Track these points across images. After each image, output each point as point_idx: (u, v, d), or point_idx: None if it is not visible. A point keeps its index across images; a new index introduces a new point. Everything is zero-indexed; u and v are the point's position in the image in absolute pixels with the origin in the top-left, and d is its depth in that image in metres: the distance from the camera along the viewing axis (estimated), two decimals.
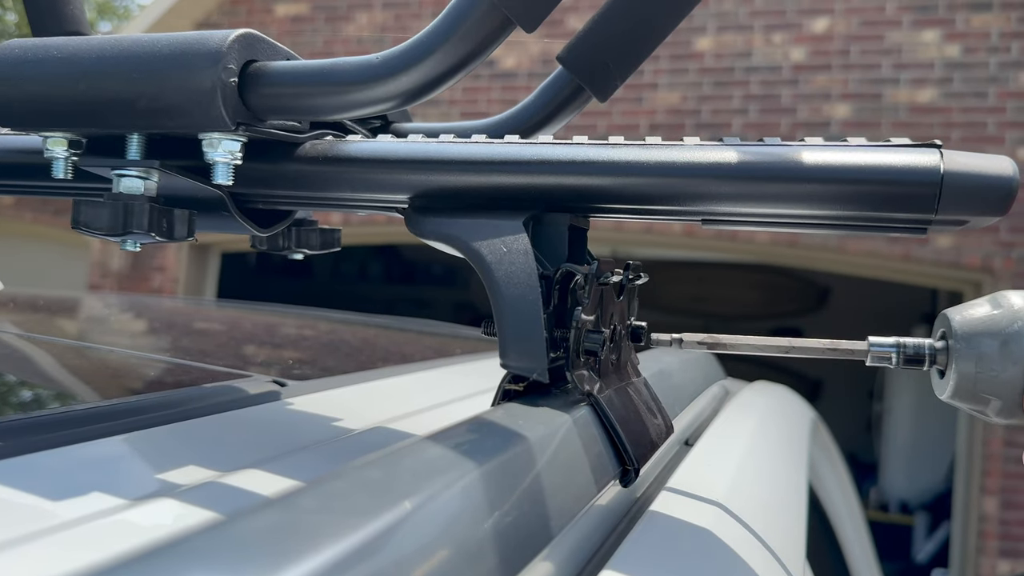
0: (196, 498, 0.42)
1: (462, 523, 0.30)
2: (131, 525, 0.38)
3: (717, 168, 0.47)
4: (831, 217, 0.47)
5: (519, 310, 0.46)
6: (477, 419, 0.40)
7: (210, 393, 0.62)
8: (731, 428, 0.85)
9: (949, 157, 0.45)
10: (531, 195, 0.50)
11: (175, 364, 0.81)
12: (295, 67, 0.50)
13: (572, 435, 0.42)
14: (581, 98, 0.61)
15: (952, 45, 4.79)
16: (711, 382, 1.03)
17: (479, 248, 0.48)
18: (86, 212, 0.51)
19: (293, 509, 0.26)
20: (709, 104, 5.13)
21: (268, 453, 0.50)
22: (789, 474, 0.87)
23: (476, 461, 0.33)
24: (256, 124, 0.51)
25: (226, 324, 1.29)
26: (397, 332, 1.39)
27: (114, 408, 0.56)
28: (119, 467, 0.46)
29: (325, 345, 1.16)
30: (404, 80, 0.48)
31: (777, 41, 5.04)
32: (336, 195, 0.55)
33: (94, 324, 1.26)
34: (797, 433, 1.14)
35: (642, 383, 0.58)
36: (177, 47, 0.49)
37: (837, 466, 1.57)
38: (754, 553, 0.52)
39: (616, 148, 0.49)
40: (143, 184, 0.52)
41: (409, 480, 0.30)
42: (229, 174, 0.51)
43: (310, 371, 0.85)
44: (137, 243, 0.54)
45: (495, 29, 0.47)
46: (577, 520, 0.38)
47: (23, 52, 0.52)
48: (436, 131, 0.63)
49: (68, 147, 0.54)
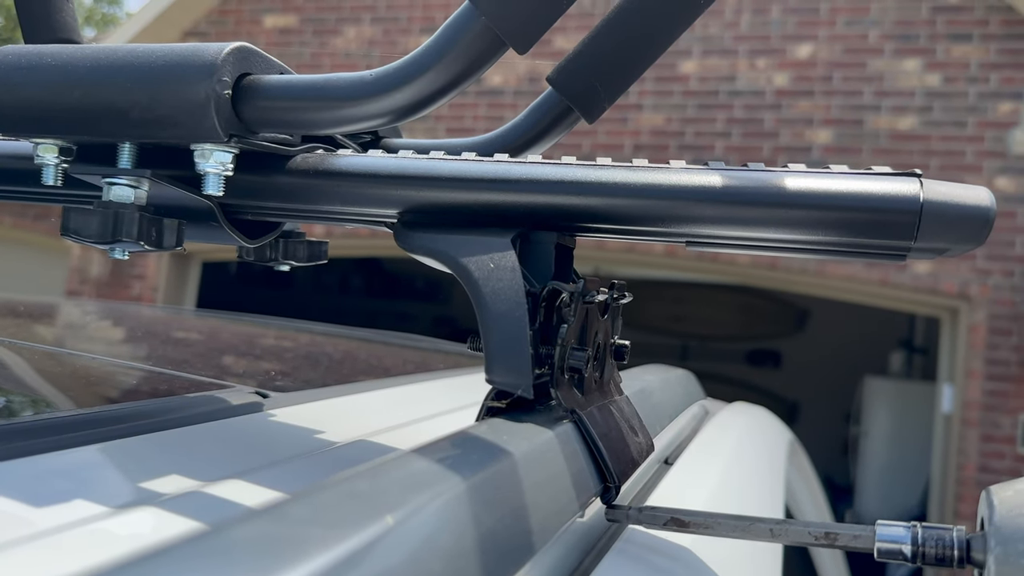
0: (177, 508, 0.42)
1: (447, 536, 0.30)
2: (110, 534, 0.38)
3: (702, 192, 0.48)
4: (812, 242, 0.48)
5: (505, 326, 0.47)
6: (462, 433, 0.40)
7: (192, 403, 0.62)
8: (710, 448, 0.86)
9: (929, 186, 0.46)
10: (519, 213, 0.50)
11: (156, 373, 0.80)
12: (289, 81, 0.51)
13: (555, 451, 0.42)
14: (570, 119, 0.62)
15: (933, 74, 4.86)
16: (691, 402, 1.04)
17: (467, 264, 0.49)
18: (75, 219, 0.52)
19: (280, 519, 0.27)
20: (693, 126, 5.17)
21: (250, 464, 0.50)
22: (766, 494, 0.88)
23: (461, 475, 0.34)
24: (248, 136, 0.51)
25: (207, 334, 1.28)
26: (380, 345, 1.39)
27: (93, 416, 0.56)
28: (98, 476, 0.46)
29: (307, 357, 1.15)
30: (397, 97, 0.49)
31: (761, 66, 5.10)
32: (325, 208, 0.55)
33: (73, 331, 1.25)
34: (774, 454, 1.14)
35: (624, 401, 0.59)
36: (172, 58, 0.49)
37: (813, 487, 1.58)
38: (731, 573, 0.53)
39: (604, 169, 0.50)
40: (133, 193, 0.52)
41: (396, 492, 0.30)
42: (220, 185, 0.51)
43: (292, 383, 0.85)
44: (126, 251, 0.54)
45: (488, 49, 0.48)
46: (559, 536, 0.39)
47: (17, 59, 0.52)
48: (426, 147, 0.63)
49: (59, 154, 0.54)
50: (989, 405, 4.72)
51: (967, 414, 4.78)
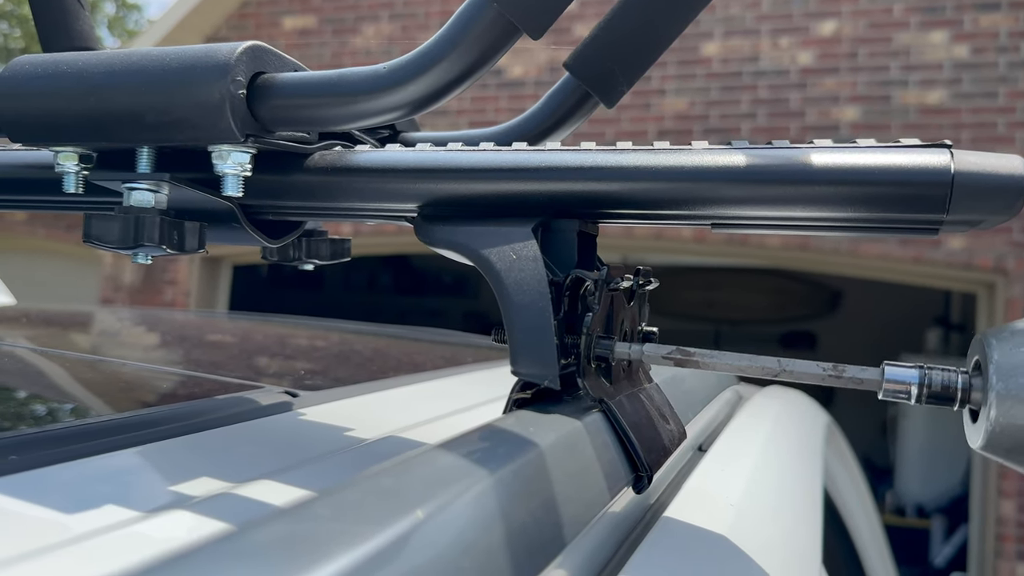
0: (209, 510, 0.42)
1: (474, 531, 0.30)
2: (144, 537, 0.38)
3: (726, 172, 0.47)
4: (841, 219, 0.47)
5: (529, 317, 0.46)
6: (488, 427, 0.39)
7: (222, 405, 0.62)
8: (744, 433, 0.85)
9: (960, 157, 0.45)
10: (540, 201, 0.50)
11: (187, 376, 0.81)
12: (303, 78, 0.50)
13: (584, 441, 0.42)
14: (588, 104, 0.61)
15: (961, 46, 4.77)
16: (724, 387, 1.03)
17: (488, 255, 0.48)
18: (97, 226, 0.52)
19: (306, 518, 0.26)
20: (717, 109, 5.12)
21: (280, 464, 0.50)
22: (804, 479, 0.86)
23: (488, 469, 0.33)
24: (265, 136, 0.51)
25: (238, 336, 1.29)
26: (408, 342, 1.39)
27: (127, 421, 0.56)
28: (133, 479, 0.46)
29: (336, 356, 1.16)
30: (412, 89, 0.48)
31: (784, 45, 5.04)
32: (345, 205, 0.55)
33: (106, 337, 1.27)
34: (811, 437, 1.13)
35: (654, 389, 0.58)
36: (186, 60, 0.49)
37: (852, 470, 1.56)
38: (769, 559, 0.52)
39: (624, 153, 0.49)
40: (153, 197, 0.52)
41: (421, 488, 0.30)
42: (239, 186, 0.51)
43: (322, 382, 0.85)
44: (148, 256, 0.55)
45: (501, 36, 0.47)
46: (590, 527, 0.38)
47: (33, 68, 0.52)
48: (444, 139, 0.63)
49: (79, 161, 0.55)
50: None
51: None
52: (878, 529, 1.71)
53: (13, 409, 0.64)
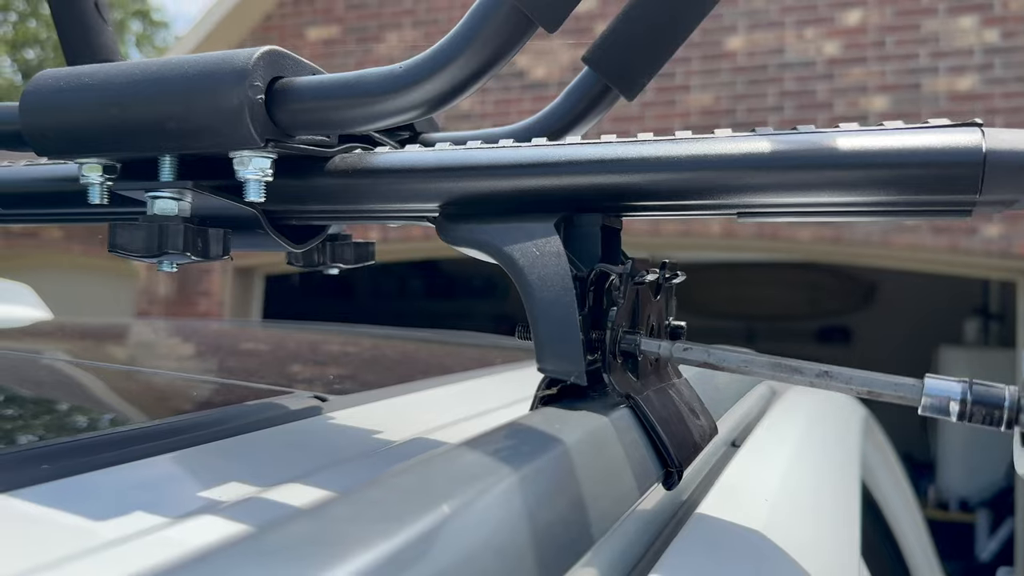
0: (239, 513, 0.42)
1: (500, 529, 0.29)
2: (175, 542, 0.39)
3: (750, 159, 0.46)
4: (871, 203, 0.46)
5: (554, 313, 0.45)
6: (514, 424, 0.39)
7: (253, 410, 0.62)
8: (779, 428, 0.84)
9: (991, 135, 0.43)
10: (561, 197, 0.49)
11: (219, 383, 0.81)
12: (321, 81, 0.50)
13: (611, 438, 0.41)
14: (609, 98, 0.61)
15: (991, 30, 4.69)
16: (757, 381, 1.02)
17: (511, 252, 0.48)
18: (122, 235, 0.52)
19: (327, 517, 0.26)
20: (744, 103, 5.08)
21: (310, 467, 0.50)
22: (841, 473, 0.85)
23: (512, 466, 0.33)
24: (285, 140, 0.51)
25: (269, 343, 1.30)
26: (436, 345, 1.39)
27: (160, 428, 0.57)
28: (165, 485, 0.46)
29: (366, 360, 1.16)
30: (429, 87, 0.48)
31: (810, 36, 4.99)
32: (367, 207, 0.55)
33: (140, 348, 1.28)
34: (848, 432, 1.11)
35: (684, 384, 0.57)
36: (203, 68, 0.49)
37: (891, 464, 1.53)
38: (806, 555, 0.51)
39: (645, 144, 0.48)
40: (177, 205, 0.53)
41: (444, 486, 0.30)
42: (261, 191, 0.51)
43: (351, 386, 0.85)
44: (173, 263, 0.55)
45: (517, 30, 0.47)
46: (620, 524, 0.38)
47: (56, 82, 0.53)
48: (464, 139, 0.62)
49: (103, 172, 0.55)
50: None
51: None
52: (920, 523, 1.68)
53: (47, 419, 0.65)
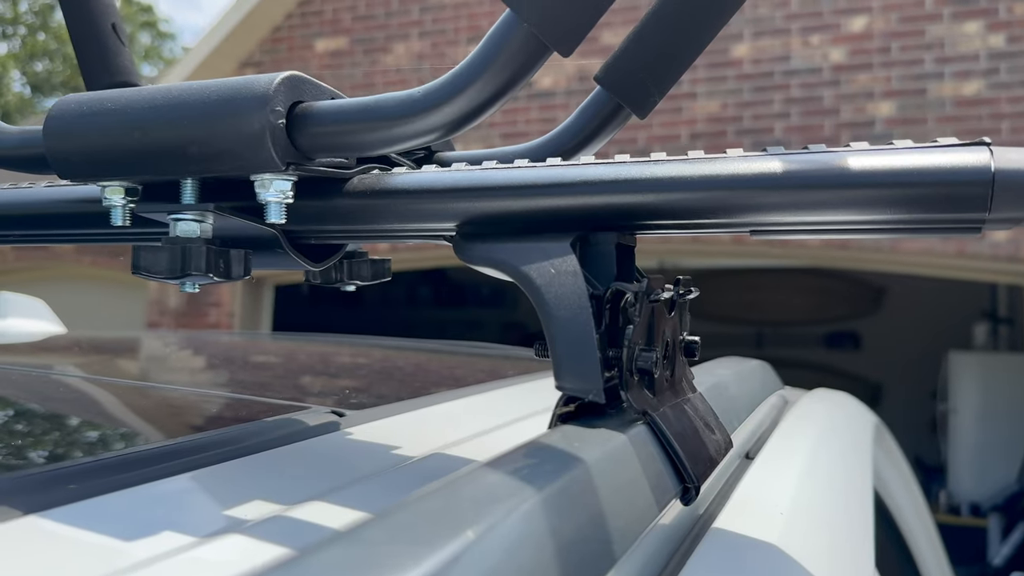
0: (264, 532, 0.42)
1: (525, 549, 0.30)
2: (202, 562, 0.39)
3: (763, 179, 0.46)
4: (880, 221, 0.47)
5: (571, 332, 0.46)
6: (534, 443, 0.40)
7: (271, 427, 0.63)
8: (792, 438, 0.84)
9: (1000, 154, 0.44)
10: (577, 216, 0.50)
11: (236, 399, 0.82)
12: (340, 106, 0.51)
13: (630, 455, 0.42)
14: (620, 116, 0.61)
15: (996, 35, 4.69)
16: (769, 392, 1.02)
17: (528, 272, 0.49)
18: (145, 257, 0.53)
19: (362, 542, 0.27)
20: (750, 110, 5.09)
21: (330, 484, 0.50)
22: (854, 482, 0.85)
23: (535, 486, 0.33)
24: (305, 163, 0.52)
25: (283, 356, 1.31)
26: (449, 356, 1.40)
27: (179, 447, 0.57)
28: (187, 505, 0.47)
29: (380, 373, 1.17)
30: (447, 111, 0.49)
31: (815, 43, 4.99)
32: (385, 227, 0.55)
33: (155, 363, 1.29)
34: (860, 440, 1.11)
35: (698, 398, 0.58)
36: (225, 93, 0.50)
37: (903, 470, 1.53)
38: (821, 565, 0.52)
39: (660, 164, 0.49)
40: (199, 227, 0.53)
41: (471, 508, 0.30)
42: (282, 213, 0.52)
43: (367, 400, 0.86)
44: (196, 284, 0.56)
45: (533, 55, 0.47)
46: (640, 541, 0.38)
47: (79, 107, 0.54)
48: (479, 158, 0.63)
49: (125, 195, 0.56)
50: None
51: None
52: (931, 529, 1.68)
53: (68, 438, 0.66)
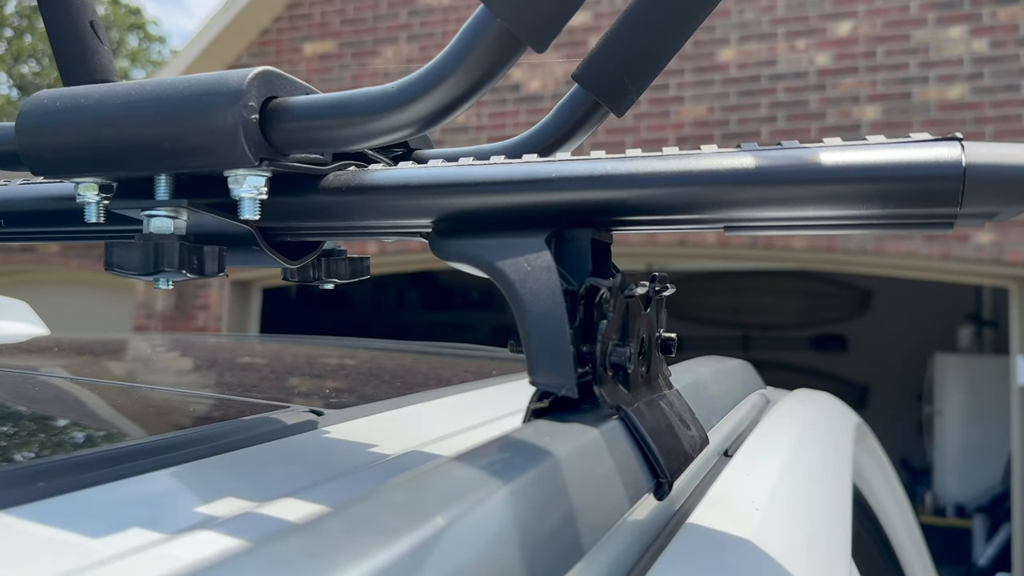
0: (235, 529, 0.42)
1: (491, 542, 0.30)
2: (172, 558, 0.39)
3: (736, 174, 0.47)
4: (854, 216, 0.47)
5: (545, 327, 0.46)
6: (505, 438, 0.40)
7: (247, 425, 0.63)
8: (771, 437, 0.84)
9: (971, 149, 0.44)
10: (552, 212, 0.50)
11: (214, 399, 0.82)
12: (314, 101, 0.51)
13: (602, 450, 0.42)
14: (599, 114, 0.62)
15: (980, 40, 4.73)
16: (749, 391, 1.02)
17: (502, 267, 0.49)
18: (118, 253, 0.53)
19: (319, 533, 0.27)
20: (736, 114, 5.11)
21: (305, 482, 0.50)
22: (832, 481, 0.85)
23: (503, 479, 0.33)
24: (279, 159, 0.52)
25: (265, 357, 1.30)
26: (433, 357, 1.40)
27: (155, 444, 0.57)
28: (159, 502, 0.46)
29: (362, 374, 1.16)
30: (421, 106, 0.49)
31: (801, 47, 5.01)
32: (361, 223, 0.55)
33: (135, 364, 1.28)
34: (840, 439, 1.12)
35: (675, 395, 0.58)
36: (198, 88, 0.50)
37: (886, 471, 1.54)
38: (798, 560, 0.52)
39: (633, 160, 0.49)
40: (172, 223, 0.53)
41: (435, 500, 0.30)
42: (256, 209, 0.52)
43: (346, 399, 0.86)
44: (169, 281, 0.56)
45: (507, 50, 0.48)
46: (610, 535, 0.38)
47: (52, 102, 0.54)
48: (456, 155, 0.63)
49: (99, 191, 0.56)
50: None
51: None
52: (915, 529, 1.69)
53: (42, 435, 0.65)
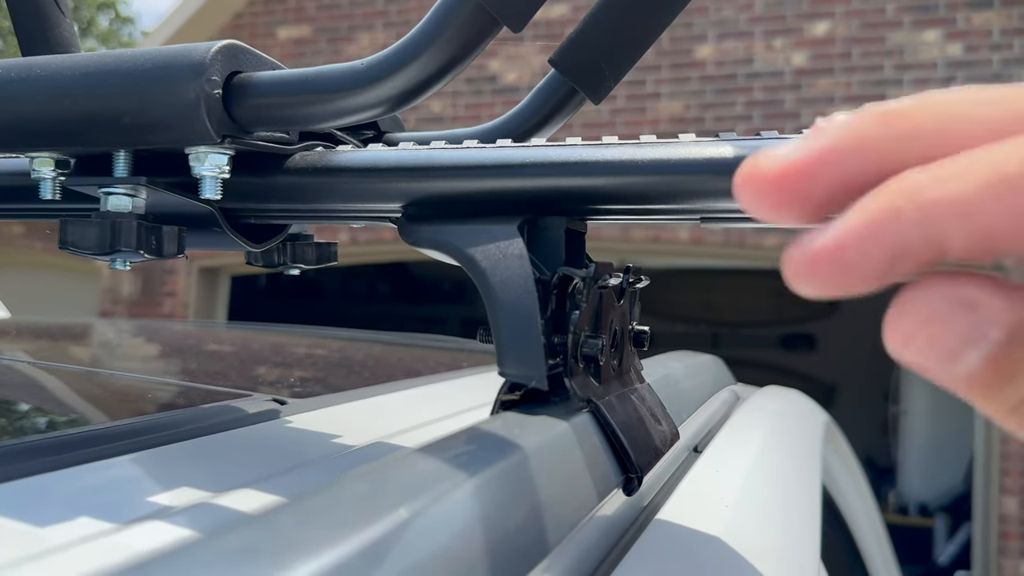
0: (191, 519, 0.41)
1: (453, 536, 0.29)
2: (124, 547, 0.37)
3: (713, 164, 0.46)
4: None
5: (515, 316, 0.45)
6: (472, 429, 0.38)
7: (208, 413, 0.61)
8: (741, 433, 0.84)
9: None
10: (525, 199, 0.49)
11: (177, 386, 0.80)
12: (280, 77, 0.49)
13: (571, 443, 0.41)
14: (575, 101, 0.60)
15: (954, 44, 4.77)
16: (720, 387, 1.02)
17: (473, 254, 0.47)
18: (73, 231, 0.51)
19: (271, 525, 0.25)
20: (712, 112, 5.12)
21: (265, 471, 0.49)
22: (802, 478, 0.85)
23: (468, 472, 0.32)
24: (242, 136, 0.50)
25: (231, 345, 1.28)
26: (401, 348, 1.38)
27: (113, 431, 0.55)
28: (117, 489, 0.45)
29: (328, 363, 1.15)
30: (391, 85, 0.47)
31: (778, 46, 5.04)
32: (328, 206, 0.54)
33: (97, 349, 1.26)
34: (810, 437, 1.12)
35: (646, 389, 0.57)
36: (160, 61, 0.48)
37: (853, 470, 1.54)
38: (765, 560, 0.51)
39: (610, 148, 0.48)
40: (131, 201, 0.51)
41: (397, 493, 0.29)
42: (217, 188, 0.50)
43: (312, 389, 0.84)
44: (127, 262, 0.54)
45: (481, 29, 0.46)
46: (577, 531, 0.37)
47: (5, 72, 0.51)
48: (428, 139, 0.62)
49: (55, 167, 0.54)
50: None
51: None
52: (880, 528, 1.70)
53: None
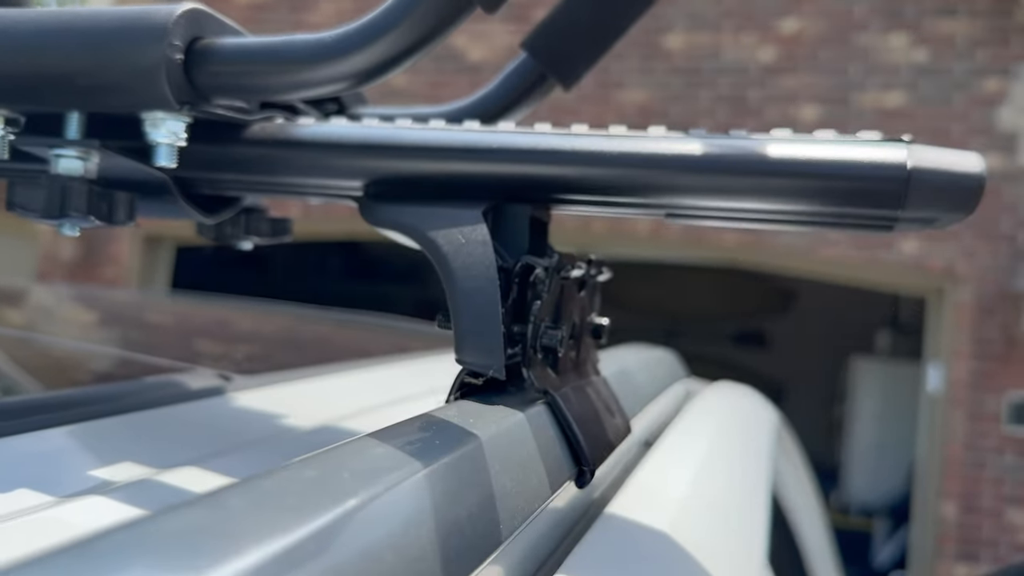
0: (131, 495, 0.40)
1: (404, 525, 0.28)
2: (57, 523, 0.36)
3: (681, 160, 0.45)
4: (795, 212, 0.46)
5: (476, 303, 0.44)
6: (426, 416, 0.38)
7: (151, 386, 0.60)
8: (692, 428, 0.84)
9: (917, 152, 0.44)
10: (491, 184, 0.48)
11: (117, 356, 0.78)
12: (245, 44, 0.48)
13: (525, 434, 0.40)
14: (545, 86, 0.60)
15: (919, 50, 4.83)
16: (673, 381, 1.02)
17: (435, 238, 0.46)
18: (21, 193, 0.49)
19: (218, 508, 0.24)
20: (678, 104, 5.14)
21: (208, 449, 0.48)
22: (751, 476, 0.86)
23: (421, 460, 0.31)
24: (202, 104, 0.48)
25: (174, 317, 1.25)
26: (352, 328, 1.37)
27: (48, 400, 0.54)
28: (52, 461, 0.44)
29: (275, 339, 1.13)
30: (358, 59, 0.46)
31: (746, 42, 5.07)
32: (286, 180, 0.52)
33: (35, 315, 1.22)
34: (760, 434, 1.13)
35: (601, 382, 0.56)
36: (120, 21, 0.46)
37: (800, 469, 1.57)
38: (713, 555, 0.51)
39: (579, 138, 0.47)
40: (82, 165, 0.49)
41: (347, 479, 0.28)
42: (172, 156, 0.48)
43: (258, 365, 0.82)
44: (76, 227, 0.52)
45: (454, 8, 0.45)
46: (529, 523, 0.37)
47: None
48: (393, 116, 0.60)
49: (5, 125, 0.51)
50: (975, 384, 4.73)
51: (953, 393, 4.78)
52: (824, 529, 1.73)
53: None
